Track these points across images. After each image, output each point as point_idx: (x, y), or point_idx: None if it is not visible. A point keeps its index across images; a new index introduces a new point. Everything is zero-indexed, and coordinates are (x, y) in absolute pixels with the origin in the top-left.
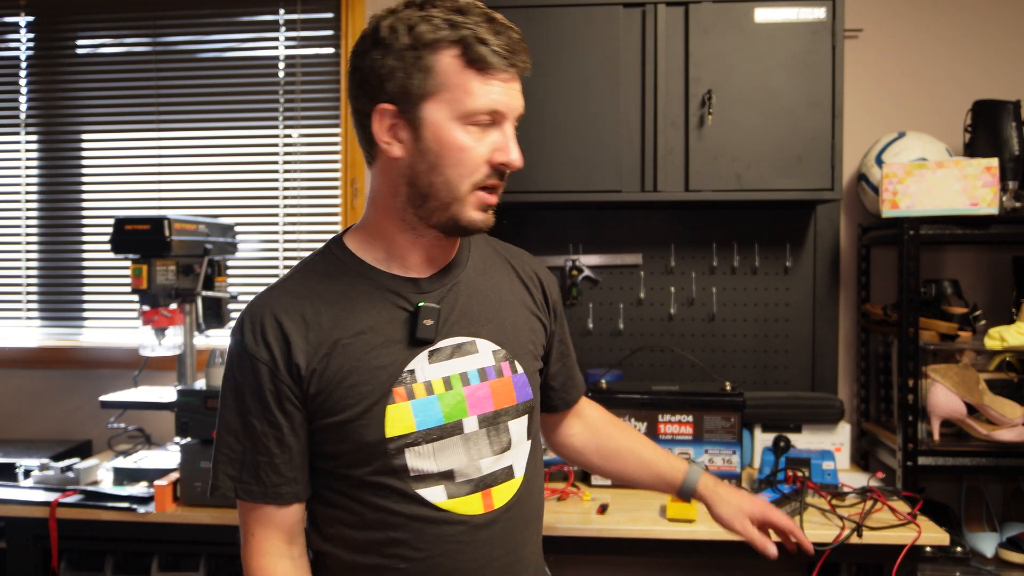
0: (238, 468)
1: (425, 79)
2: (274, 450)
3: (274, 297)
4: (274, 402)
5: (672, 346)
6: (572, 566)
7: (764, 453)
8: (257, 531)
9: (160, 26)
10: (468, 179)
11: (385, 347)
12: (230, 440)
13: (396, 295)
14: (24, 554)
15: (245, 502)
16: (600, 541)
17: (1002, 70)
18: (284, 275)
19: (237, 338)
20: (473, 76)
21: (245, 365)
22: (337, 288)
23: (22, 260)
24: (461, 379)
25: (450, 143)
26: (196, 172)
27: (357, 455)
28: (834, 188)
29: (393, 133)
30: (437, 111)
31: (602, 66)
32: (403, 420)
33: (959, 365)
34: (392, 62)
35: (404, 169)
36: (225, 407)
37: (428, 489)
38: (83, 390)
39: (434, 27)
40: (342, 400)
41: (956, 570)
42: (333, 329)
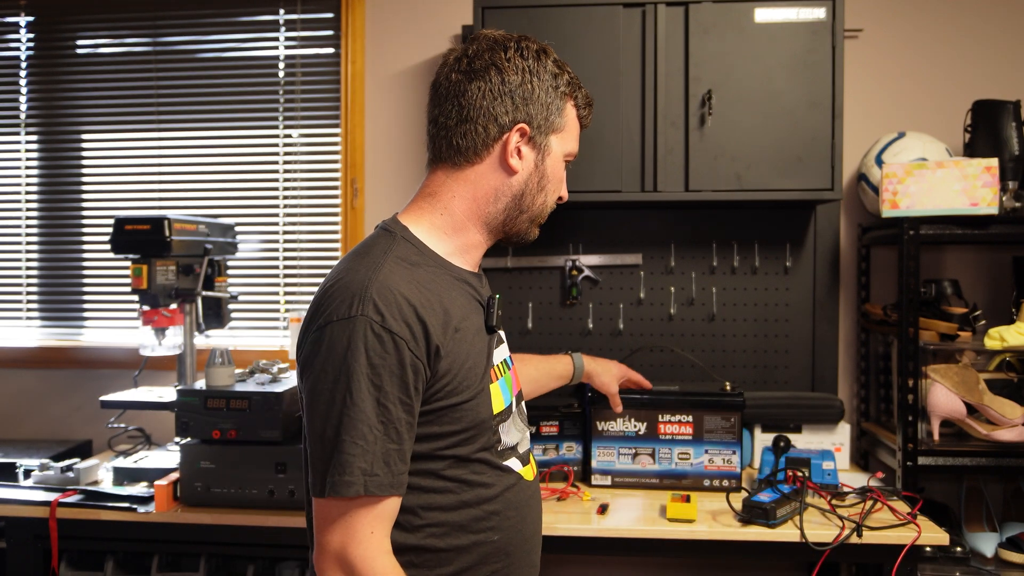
0: (370, 460)
1: (558, 117)
2: (405, 436)
3: (390, 278)
4: (412, 385)
5: (672, 346)
6: (572, 566)
7: (764, 453)
8: (377, 528)
9: (160, 26)
10: (551, 204)
11: (477, 333)
12: (363, 430)
13: (469, 286)
14: (24, 554)
15: (370, 496)
16: (600, 541)
17: (1002, 70)
18: (376, 256)
19: (370, 318)
20: (578, 127)
21: (387, 345)
22: (428, 277)
23: (22, 260)
24: (505, 365)
25: (558, 173)
26: (196, 172)
27: (469, 432)
28: (834, 188)
29: (518, 150)
30: (558, 145)
31: (602, 66)
32: (498, 398)
33: (959, 365)
34: (540, 92)
35: (515, 181)
36: (354, 396)
37: (510, 460)
38: (83, 390)
39: (570, 80)
40: (464, 381)
41: (956, 570)
42: (446, 314)
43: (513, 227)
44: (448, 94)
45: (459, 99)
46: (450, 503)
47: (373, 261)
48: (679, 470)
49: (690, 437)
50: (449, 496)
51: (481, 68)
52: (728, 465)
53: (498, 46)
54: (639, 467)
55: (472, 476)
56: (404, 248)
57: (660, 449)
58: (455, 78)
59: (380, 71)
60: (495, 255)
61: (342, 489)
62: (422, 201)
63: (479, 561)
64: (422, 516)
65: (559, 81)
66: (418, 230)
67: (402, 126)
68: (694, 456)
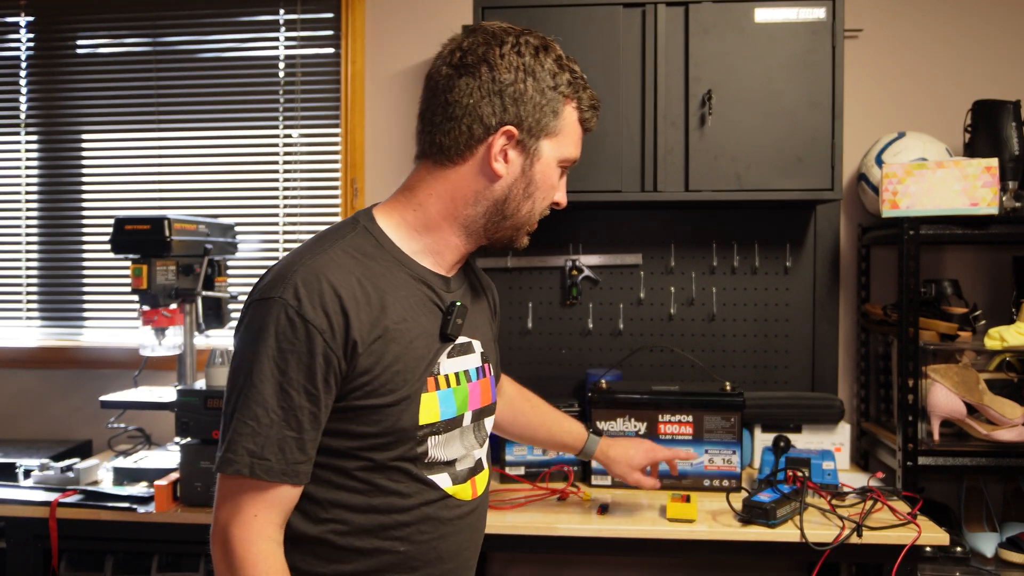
0: (260, 443)
1: (553, 119)
2: (306, 425)
3: (325, 265)
4: (321, 374)
5: (672, 346)
6: (572, 566)
7: (764, 453)
8: (261, 512)
9: (160, 26)
10: (542, 211)
11: (421, 338)
12: (258, 412)
13: (430, 288)
14: (24, 554)
15: (258, 479)
16: (600, 541)
17: (1002, 70)
18: (323, 242)
19: (287, 302)
20: (578, 131)
21: (297, 331)
22: (378, 271)
23: (22, 260)
24: (465, 376)
25: (549, 179)
26: (196, 172)
27: (386, 438)
28: (834, 188)
29: (505, 153)
30: (551, 150)
31: (602, 66)
32: (432, 409)
33: (959, 365)
34: (534, 93)
35: (498, 187)
36: (256, 375)
37: (437, 475)
38: (83, 390)
39: (572, 80)
40: (387, 384)
41: (956, 570)
42: (383, 312)
43: (496, 233)
44: (437, 88)
45: (446, 95)
46: (358, 504)
47: (319, 247)
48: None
49: (690, 437)
50: (358, 497)
51: (472, 63)
52: (728, 465)
53: (495, 40)
54: None
55: (386, 482)
56: (361, 239)
57: None
58: (445, 72)
59: (380, 71)
60: (495, 255)
61: (225, 466)
62: (400, 194)
63: (380, 568)
64: (328, 511)
65: (558, 80)
66: (387, 224)
67: (402, 126)
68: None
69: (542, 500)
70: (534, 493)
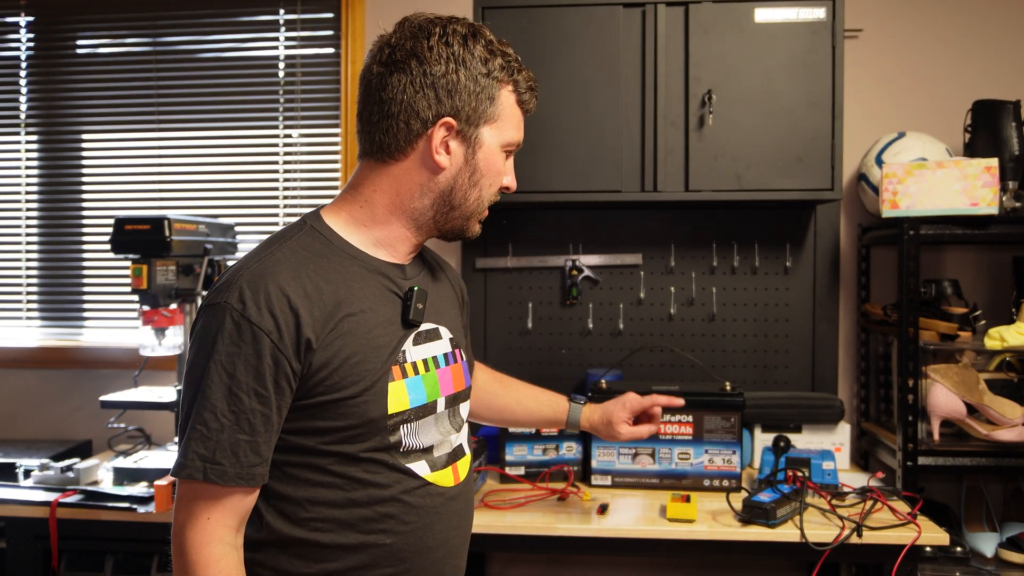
0: (212, 447)
1: (489, 106)
2: (259, 428)
3: (272, 266)
4: (270, 376)
5: (672, 346)
6: (572, 566)
7: (764, 453)
8: (214, 515)
9: (160, 26)
10: (491, 197)
11: (382, 327)
12: (207, 417)
13: (386, 278)
14: (24, 554)
15: (211, 484)
16: (600, 541)
17: (1002, 70)
18: (271, 245)
19: (232, 306)
20: (518, 113)
21: (244, 335)
22: (330, 267)
23: (22, 260)
24: (434, 361)
25: (494, 166)
26: (196, 172)
27: (356, 431)
28: (834, 188)
29: (446, 144)
30: (491, 136)
31: (602, 66)
32: (400, 397)
33: (959, 365)
34: (467, 82)
35: (443, 178)
36: (207, 382)
37: (415, 463)
38: (83, 390)
39: (505, 63)
40: (348, 376)
41: (956, 570)
42: (336, 306)
43: (447, 224)
44: (370, 87)
45: (380, 93)
46: (338, 499)
47: (266, 249)
48: (679, 470)
49: (690, 437)
50: (337, 492)
51: (402, 59)
52: (728, 465)
53: (421, 33)
54: (639, 467)
55: (364, 475)
56: (309, 238)
57: (660, 449)
58: (376, 70)
59: None
60: (495, 255)
61: (179, 470)
62: (346, 193)
63: (369, 563)
64: (308, 509)
65: (491, 66)
66: (335, 221)
67: None
68: (694, 456)
69: (542, 500)
70: (534, 493)
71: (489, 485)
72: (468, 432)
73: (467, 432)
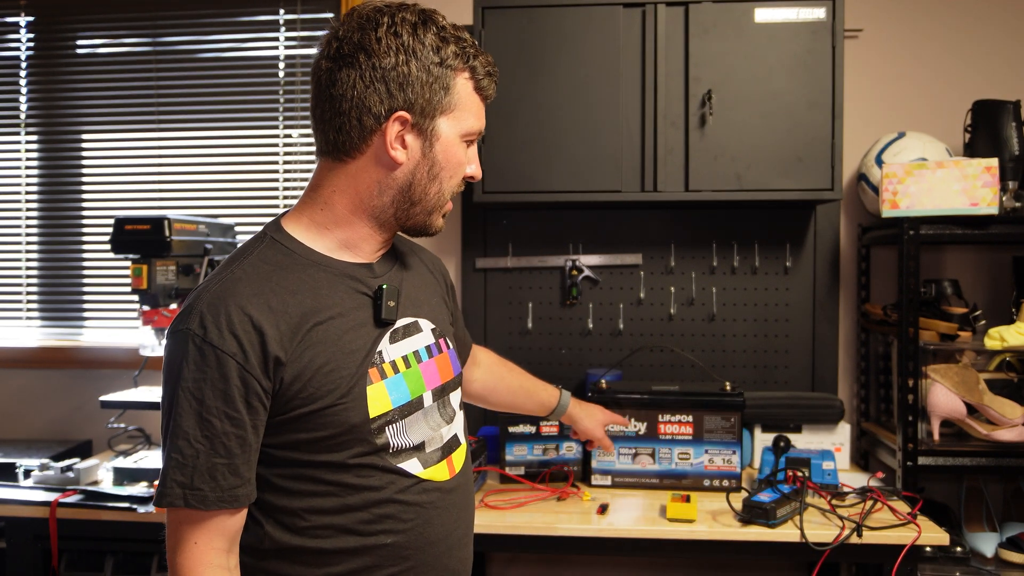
0: (189, 474)
1: (445, 96)
2: (235, 450)
3: (230, 287)
4: (240, 398)
5: (672, 346)
6: (572, 566)
7: (764, 453)
8: (201, 539)
9: (160, 26)
10: (453, 189)
11: (354, 331)
12: (181, 445)
13: (354, 280)
14: (24, 554)
15: (193, 510)
16: (600, 541)
17: (1002, 70)
18: (231, 264)
19: (193, 333)
20: (476, 101)
21: (208, 359)
22: (295, 277)
23: (22, 260)
24: (415, 356)
25: (454, 157)
26: (196, 172)
27: (339, 438)
28: (834, 188)
29: (401, 139)
30: (449, 127)
31: (602, 66)
32: (381, 399)
33: (959, 365)
34: (419, 73)
35: (400, 174)
36: (177, 410)
37: (407, 462)
38: (83, 390)
39: (459, 50)
40: (322, 386)
41: (956, 570)
42: (303, 317)
43: (408, 220)
44: (320, 84)
45: (330, 89)
46: (333, 506)
47: (226, 270)
48: (679, 470)
49: (690, 437)
50: (332, 500)
51: (350, 53)
52: (728, 465)
53: (369, 24)
54: (639, 467)
55: (356, 480)
56: (270, 251)
57: (660, 449)
58: (325, 66)
59: None
60: (495, 255)
61: (160, 500)
62: (306, 196)
63: (372, 564)
64: (306, 519)
65: (443, 54)
66: (296, 228)
67: None
68: (694, 456)
69: (542, 500)
70: (534, 493)
71: (489, 485)
72: (463, 421)
73: (461, 421)
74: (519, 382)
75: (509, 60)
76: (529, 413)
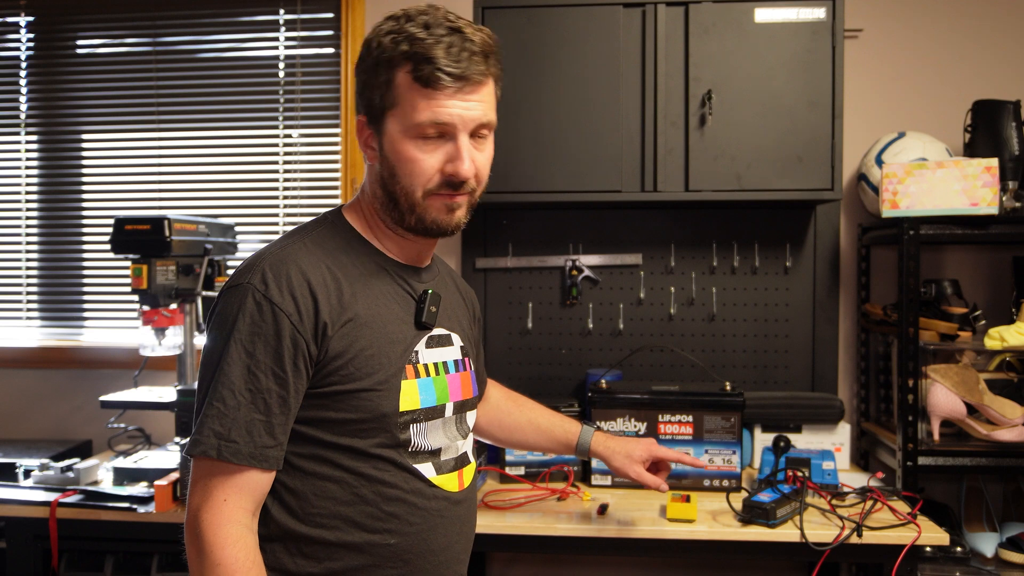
0: (228, 425)
1: (384, 93)
2: (275, 409)
3: (294, 253)
4: (289, 357)
5: (672, 346)
6: (572, 566)
7: (764, 453)
8: (231, 496)
9: (160, 26)
10: (421, 188)
11: (397, 325)
12: (225, 394)
13: (402, 280)
14: (24, 554)
15: (226, 463)
16: (600, 541)
17: (1002, 70)
18: (293, 236)
19: (254, 287)
20: (419, 92)
21: (264, 314)
22: (351, 262)
23: (22, 260)
24: (444, 367)
25: (402, 155)
26: (196, 172)
27: (367, 424)
28: (834, 188)
29: (368, 142)
30: (392, 124)
31: (602, 66)
32: (412, 396)
33: (959, 365)
34: (369, 76)
35: (377, 175)
36: (225, 359)
37: (422, 465)
38: (83, 390)
39: (394, 44)
40: (362, 367)
41: (956, 570)
42: (354, 298)
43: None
44: None
45: None
46: (345, 496)
47: (288, 239)
48: (679, 470)
49: (690, 437)
50: (345, 487)
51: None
52: (728, 465)
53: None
54: None
55: (372, 471)
56: (329, 232)
57: None
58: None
59: None
60: (495, 255)
61: (192, 447)
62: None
63: (372, 563)
64: (314, 504)
65: (382, 53)
66: (353, 219)
67: None
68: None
69: (542, 500)
70: (534, 493)
71: (489, 485)
72: (473, 442)
73: (472, 441)
74: (529, 418)
75: (509, 60)
76: (546, 451)
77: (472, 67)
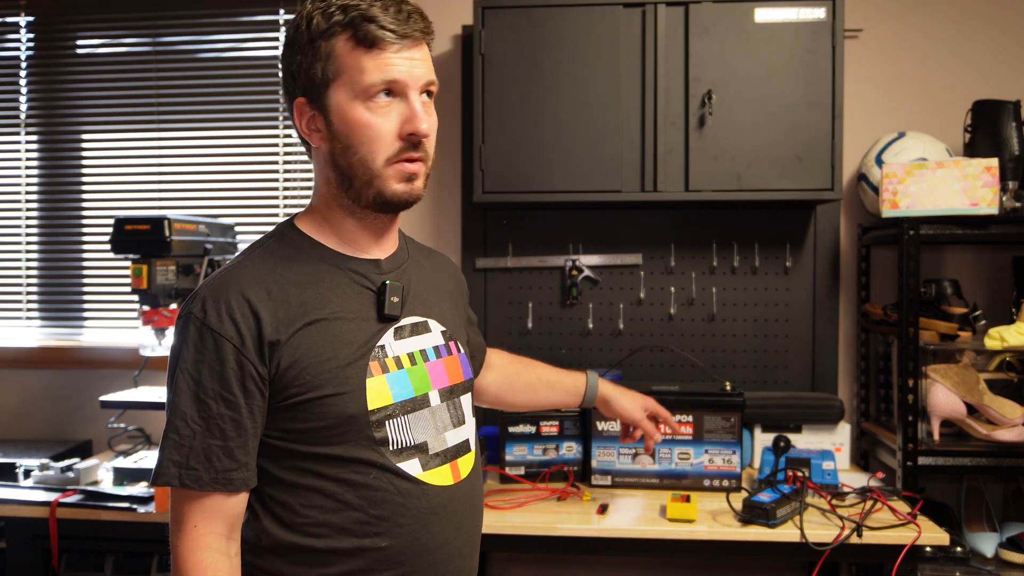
0: (185, 454)
1: (324, 67)
2: (229, 433)
3: (234, 276)
4: (236, 381)
5: (672, 346)
6: (572, 566)
7: (764, 453)
8: (200, 522)
9: (160, 26)
10: (381, 154)
11: (357, 323)
12: (179, 424)
13: (359, 275)
14: (24, 554)
15: (190, 490)
16: (600, 541)
17: (1002, 70)
18: (241, 255)
19: (195, 316)
20: (363, 54)
21: (207, 342)
22: (300, 270)
23: (22, 260)
24: (422, 355)
25: (355, 122)
26: (196, 172)
27: (337, 429)
28: (834, 188)
29: (312, 124)
30: (338, 94)
31: (602, 66)
32: (381, 393)
33: (959, 365)
34: (299, 57)
35: (327, 156)
36: (175, 391)
37: (406, 462)
38: (83, 390)
39: (327, 16)
40: (319, 375)
41: (956, 570)
42: (303, 307)
43: (361, 197)
44: None
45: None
46: (331, 504)
47: (235, 260)
48: (679, 470)
49: (690, 437)
50: (329, 496)
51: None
52: (728, 465)
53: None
54: (639, 467)
55: (354, 476)
56: (278, 245)
57: (660, 449)
58: None
59: None
60: (495, 255)
61: (156, 478)
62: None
63: (366, 567)
64: (302, 514)
65: (313, 29)
66: (306, 224)
67: None
68: (694, 456)
69: (542, 500)
70: (534, 493)
71: (489, 485)
72: (475, 429)
73: (472, 427)
74: (537, 375)
75: (509, 60)
76: (557, 406)
77: (412, 24)
